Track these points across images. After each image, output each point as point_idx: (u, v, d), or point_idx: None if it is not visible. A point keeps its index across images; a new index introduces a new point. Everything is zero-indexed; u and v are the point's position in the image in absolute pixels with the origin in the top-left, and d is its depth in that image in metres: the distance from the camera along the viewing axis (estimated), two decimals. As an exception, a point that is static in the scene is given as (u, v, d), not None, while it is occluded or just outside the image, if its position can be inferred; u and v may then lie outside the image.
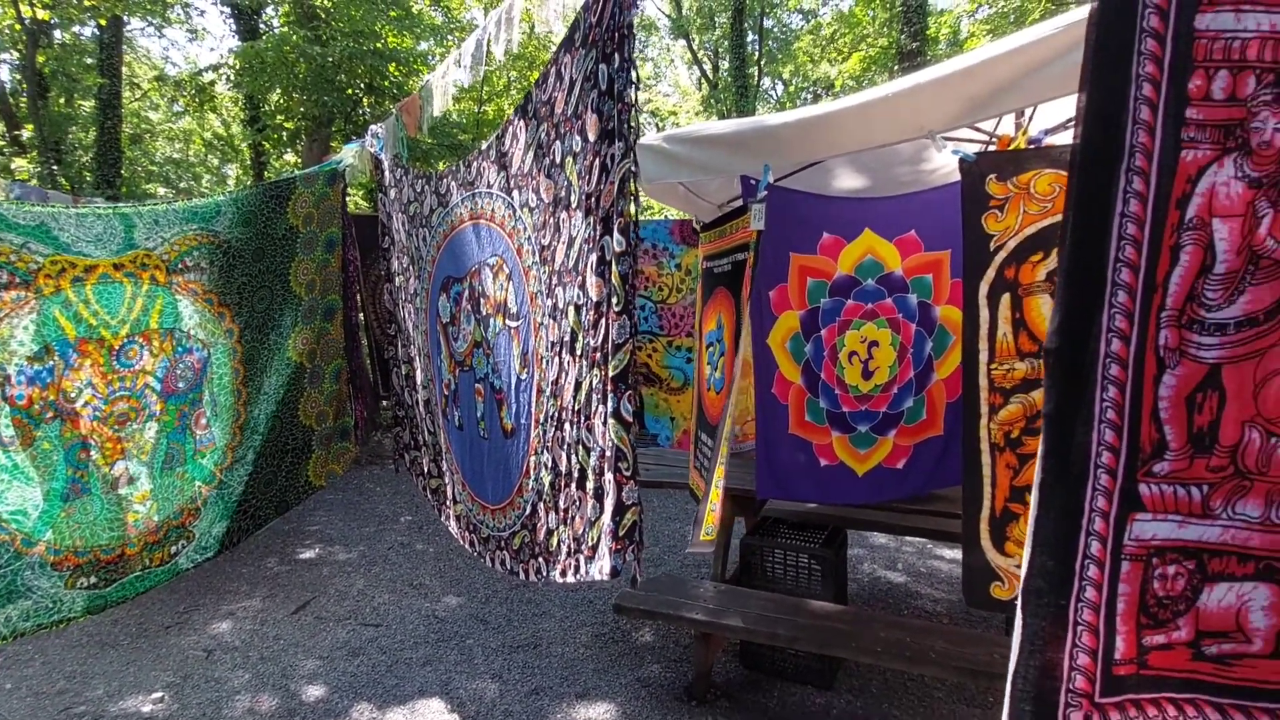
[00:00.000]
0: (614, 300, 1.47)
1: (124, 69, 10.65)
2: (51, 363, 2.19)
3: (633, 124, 1.47)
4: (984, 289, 1.84)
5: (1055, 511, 0.85)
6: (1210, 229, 0.83)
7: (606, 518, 1.53)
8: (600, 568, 1.54)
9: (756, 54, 11.66)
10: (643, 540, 1.54)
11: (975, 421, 1.88)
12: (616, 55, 1.45)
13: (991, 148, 3.00)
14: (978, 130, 3.07)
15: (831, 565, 3.08)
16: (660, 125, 13.27)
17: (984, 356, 1.85)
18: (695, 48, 12.32)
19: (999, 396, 1.83)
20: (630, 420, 1.51)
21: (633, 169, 1.48)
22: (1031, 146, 2.48)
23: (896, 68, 8.31)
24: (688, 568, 4.25)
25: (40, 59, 9.27)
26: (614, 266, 1.46)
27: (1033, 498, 0.88)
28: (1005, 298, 1.80)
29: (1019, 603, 0.88)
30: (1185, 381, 0.86)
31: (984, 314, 1.84)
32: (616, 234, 1.46)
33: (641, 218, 4.80)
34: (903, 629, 2.68)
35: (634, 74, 1.45)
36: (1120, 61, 0.81)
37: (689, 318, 4.79)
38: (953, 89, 1.77)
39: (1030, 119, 2.82)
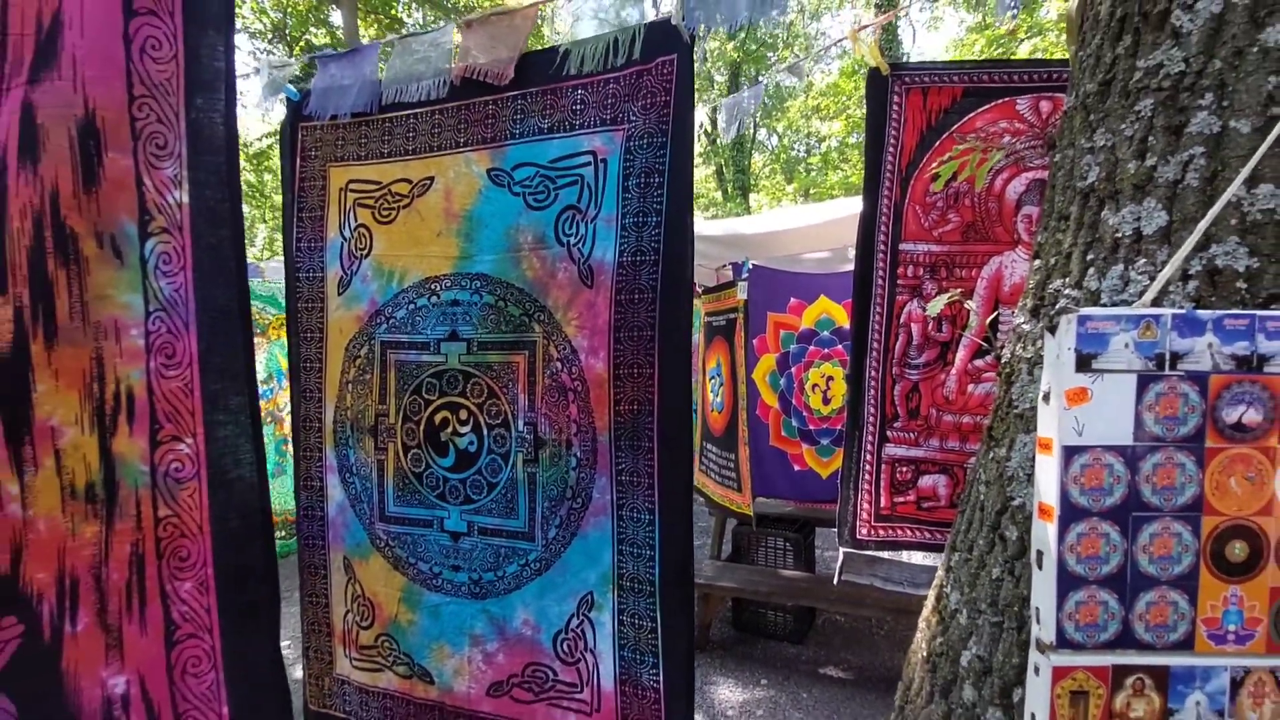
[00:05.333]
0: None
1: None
2: (271, 386, 3.57)
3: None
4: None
5: (852, 444, 2.23)
6: (909, 327, 2.24)
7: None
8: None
9: (753, 109, 13.50)
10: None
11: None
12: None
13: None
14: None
15: (801, 546, 4.39)
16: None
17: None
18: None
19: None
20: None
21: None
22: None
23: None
24: (692, 563, 5.51)
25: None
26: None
27: (845, 439, 2.26)
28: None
29: (840, 482, 2.24)
30: (904, 389, 2.24)
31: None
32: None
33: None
34: (851, 586, 3.98)
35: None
36: (870, 258, 2.23)
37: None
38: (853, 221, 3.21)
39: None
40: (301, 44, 10.15)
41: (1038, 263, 1.34)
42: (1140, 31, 1.18)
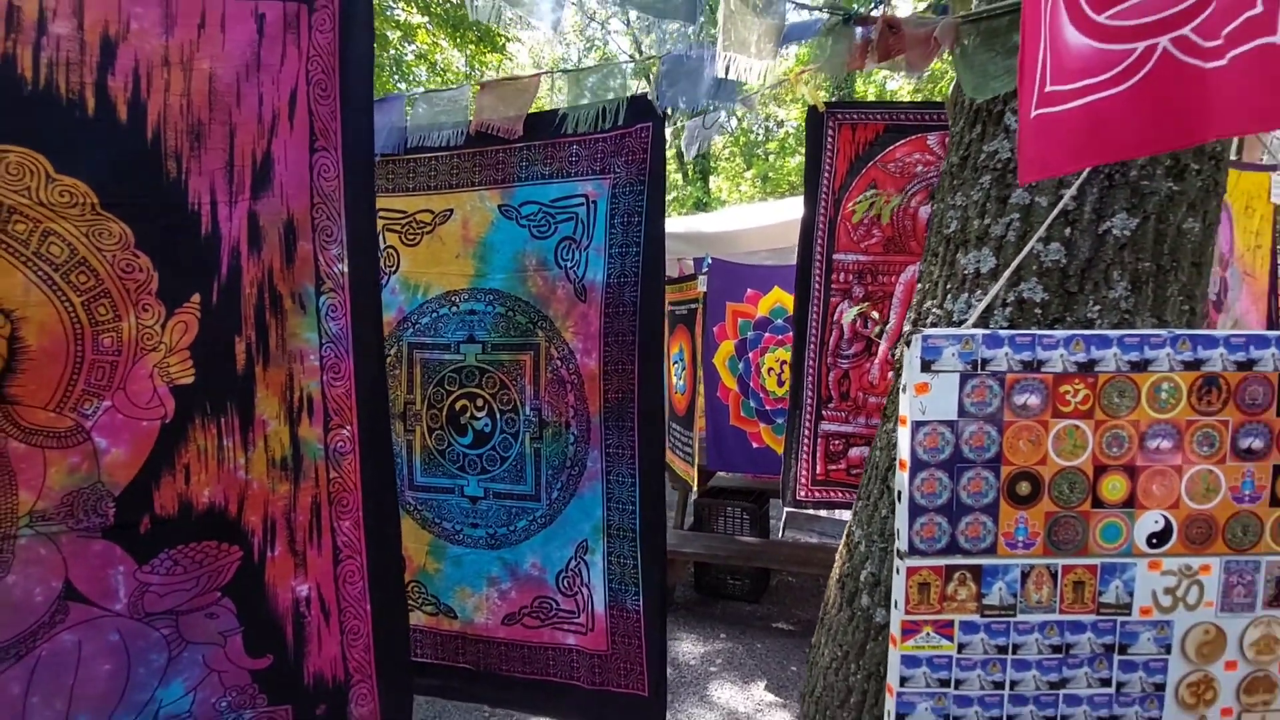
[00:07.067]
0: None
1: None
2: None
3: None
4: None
5: (793, 421, 2.76)
6: (841, 325, 2.76)
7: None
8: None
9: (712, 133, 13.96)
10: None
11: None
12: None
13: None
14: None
15: (756, 515, 4.97)
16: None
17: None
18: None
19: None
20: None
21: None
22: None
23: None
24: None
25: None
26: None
27: (788, 417, 2.79)
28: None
29: (784, 453, 2.77)
30: (837, 375, 2.77)
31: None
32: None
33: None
34: (800, 548, 4.59)
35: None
36: (808, 266, 2.74)
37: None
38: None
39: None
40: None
41: (919, 286, 1.85)
42: (986, 124, 1.70)
